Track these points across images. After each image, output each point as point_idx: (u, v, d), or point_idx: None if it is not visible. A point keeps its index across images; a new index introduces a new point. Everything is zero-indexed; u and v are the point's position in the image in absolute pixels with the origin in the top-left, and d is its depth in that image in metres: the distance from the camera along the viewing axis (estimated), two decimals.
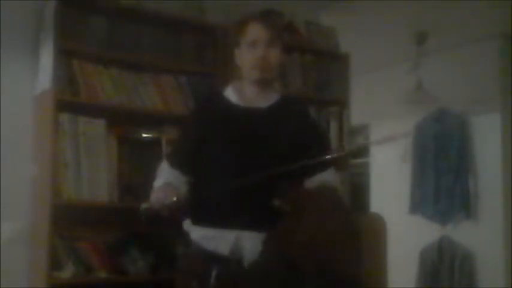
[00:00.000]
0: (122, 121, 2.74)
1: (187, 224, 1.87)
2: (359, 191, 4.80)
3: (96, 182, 2.59)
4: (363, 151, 5.40)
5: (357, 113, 3.54)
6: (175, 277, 1.89)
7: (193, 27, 3.00)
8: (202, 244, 1.79)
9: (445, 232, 4.64)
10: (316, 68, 3.41)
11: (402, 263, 4.47)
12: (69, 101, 2.58)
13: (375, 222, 3.52)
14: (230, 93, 1.93)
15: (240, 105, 1.89)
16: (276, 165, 1.75)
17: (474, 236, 4.46)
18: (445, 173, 4.72)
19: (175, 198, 1.72)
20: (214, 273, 1.72)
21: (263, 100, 1.90)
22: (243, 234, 1.71)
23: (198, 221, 1.83)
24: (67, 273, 2.50)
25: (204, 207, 1.82)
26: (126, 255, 2.63)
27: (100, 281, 2.55)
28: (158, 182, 1.91)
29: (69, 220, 2.56)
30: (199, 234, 1.81)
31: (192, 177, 1.90)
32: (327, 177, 1.83)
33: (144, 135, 2.82)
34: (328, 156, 1.80)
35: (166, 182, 1.85)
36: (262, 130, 1.84)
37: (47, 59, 2.64)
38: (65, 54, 2.59)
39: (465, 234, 4.53)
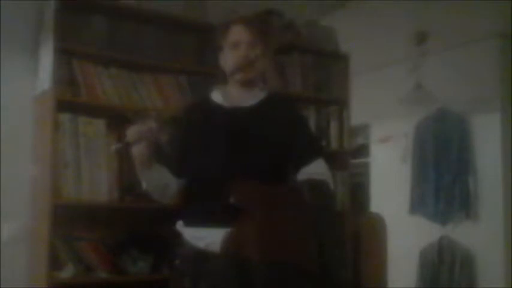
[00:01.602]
0: (122, 121, 2.74)
1: (180, 225, 1.89)
2: (359, 191, 4.81)
3: (96, 182, 2.59)
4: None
5: (357, 113, 3.54)
6: (170, 277, 1.92)
7: (193, 27, 3.00)
8: (194, 243, 1.81)
9: (445, 232, 4.64)
10: (316, 68, 3.41)
11: (402, 263, 4.47)
12: (69, 101, 2.58)
13: (375, 222, 3.53)
14: (216, 96, 1.96)
15: (223, 106, 1.91)
16: (260, 162, 1.79)
17: (474, 236, 4.46)
18: (445, 173, 4.72)
19: (152, 126, 1.73)
20: (206, 271, 1.74)
21: (247, 99, 1.92)
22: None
23: (188, 222, 1.85)
24: (67, 273, 2.50)
25: (193, 208, 1.85)
26: (126, 255, 2.63)
27: (100, 281, 2.55)
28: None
29: (69, 220, 2.56)
30: (190, 234, 1.83)
31: (182, 180, 1.92)
32: (316, 169, 1.84)
33: None
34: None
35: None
36: (245, 128, 1.86)
37: (47, 59, 2.64)
38: (65, 54, 2.59)
39: (465, 234, 4.53)
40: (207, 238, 1.76)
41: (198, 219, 1.82)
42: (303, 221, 1.72)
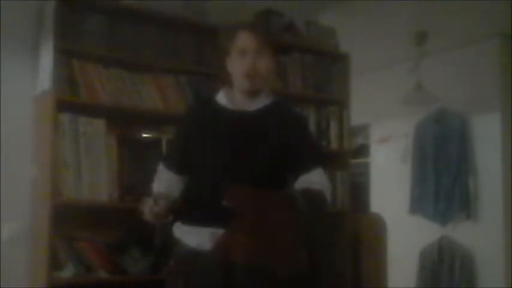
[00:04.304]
0: (122, 121, 2.74)
1: (177, 225, 1.90)
2: (359, 191, 4.81)
3: (96, 182, 2.59)
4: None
5: (357, 113, 3.54)
6: (166, 276, 1.92)
7: (193, 27, 3.00)
8: (187, 242, 1.82)
9: (445, 232, 4.64)
10: (316, 68, 3.41)
11: (402, 263, 4.47)
12: (69, 101, 2.57)
13: (375, 222, 3.52)
14: (221, 98, 1.96)
15: (228, 108, 1.91)
16: (259, 166, 1.79)
17: (474, 236, 4.46)
18: (445, 173, 4.72)
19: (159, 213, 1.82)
20: (196, 271, 1.75)
21: (252, 104, 1.92)
22: (219, 232, 1.73)
23: (185, 221, 1.86)
24: (67, 273, 2.50)
25: (191, 207, 1.87)
26: (126, 255, 2.63)
27: (100, 281, 2.55)
28: (155, 186, 2.00)
29: (69, 220, 2.56)
30: (185, 233, 1.84)
31: (187, 178, 1.93)
32: (314, 178, 1.84)
33: (144, 135, 2.83)
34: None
35: (157, 192, 1.92)
36: (248, 132, 1.87)
37: (47, 59, 2.64)
38: (65, 54, 2.59)
39: (465, 234, 4.53)
40: (199, 237, 1.77)
41: (193, 218, 1.83)
42: (293, 228, 1.72)
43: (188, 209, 1.87)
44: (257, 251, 1.65)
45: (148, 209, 1.84)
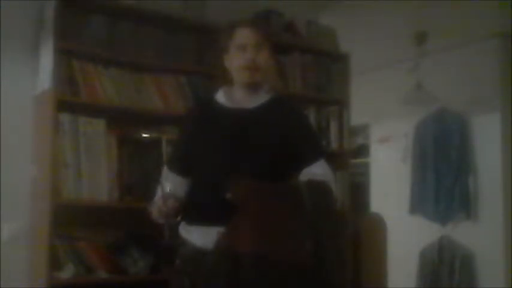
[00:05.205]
0: (122, 121, 2.74)
1: (183, 225, 1.90)
2: (359, 191, 4.81)
3: (96, 182, 2.59)
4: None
5: (357, 113, 3.54)
6: (171, 277, 1.93)
7: (193, 27, 3.00)
8: (193, 242, 1.82)
9: (445, 232, 4.64)
10: (316, 68, 3.41)
11: (402, 263, 4.47)
12: (69, 101, 2.58)
13: (375, 222, 3.52)
14: (220, 96, 1.97)
15: (227, 107, 1.92)
16: (260, 164, 1.81)
17: (474, 236, 4.46)
18: (445, 173, 4.72)
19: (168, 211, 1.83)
20: (202, 270, 1.75)
21: (251, 101, 1.93)
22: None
23: (190, 221, 1.87)
24: (67, 273, 2.50)
25: (194, 206, 1.87)
26: (126, 255, 2.63)
27: (100, 281, 2.55)
28: (162, 187, 1.98)
29: (69, 220, 2.56)
30: (190, 233, 1.84)
31: (191, 179, 1.93)
32: (318, 170, 1.85)
33: (144, 135, 2.83)
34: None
35: (165, 193, 1.90)
36: (247, 129, 1.87)
37: (47, 59, 2.64)
38: (65, 54, 2.59)
39: (465, 234, 4.53)
40: (203, 237, 1.77)
41: (197, 218, 1.83)
42: (298, 220, 1.73)
43: (191, 209, 1.87)
44: (261, 242, 1.65)
45: (157, 209, 1.84)
